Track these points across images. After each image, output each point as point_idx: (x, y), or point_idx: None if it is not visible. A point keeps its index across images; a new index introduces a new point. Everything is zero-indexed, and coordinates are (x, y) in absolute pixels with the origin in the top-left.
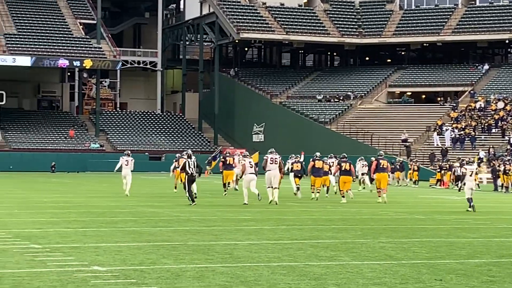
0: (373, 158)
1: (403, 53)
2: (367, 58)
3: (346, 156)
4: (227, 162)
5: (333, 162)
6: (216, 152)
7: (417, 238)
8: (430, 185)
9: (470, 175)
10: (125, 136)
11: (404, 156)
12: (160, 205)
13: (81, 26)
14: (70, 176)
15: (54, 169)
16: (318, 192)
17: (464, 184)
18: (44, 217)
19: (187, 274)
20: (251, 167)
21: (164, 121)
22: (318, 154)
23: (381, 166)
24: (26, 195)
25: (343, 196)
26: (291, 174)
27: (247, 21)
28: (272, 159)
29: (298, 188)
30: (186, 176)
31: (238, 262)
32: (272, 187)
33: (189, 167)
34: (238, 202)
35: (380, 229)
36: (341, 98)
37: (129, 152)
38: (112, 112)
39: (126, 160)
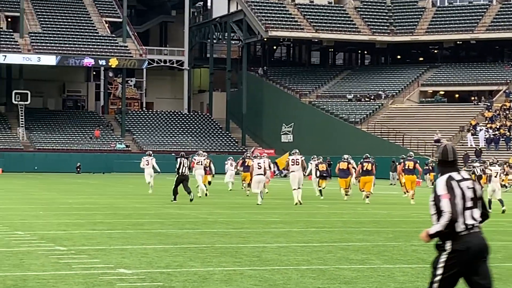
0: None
1: (435, 51)
2: (398, 57)
3: (368, 156)
4: (246, 164)
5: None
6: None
7: None
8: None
9: (495, 176)
10: (151, 137)
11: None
12: (187, 206)
13: (107, 25)
14: (96, 177)
15: (79, 170)
16: (347, 194)
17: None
18: (69, 219)
19: (215, 277)
20: (259, 168)
21: (191, 121)
22: (346, 156)
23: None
24: (51, 196)
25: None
26: (314, 175)
27: (276, 19)
28: (293, 160)
29: (320, 191)
30: (177, 175)
31: (267, 265)
32: (297, 188)
33: (183, 166)
34: (265, 204)
35: (412, 232)
36: (372, 97)
37: (150, 152)
38: (138, 112)
39: (147, 160)
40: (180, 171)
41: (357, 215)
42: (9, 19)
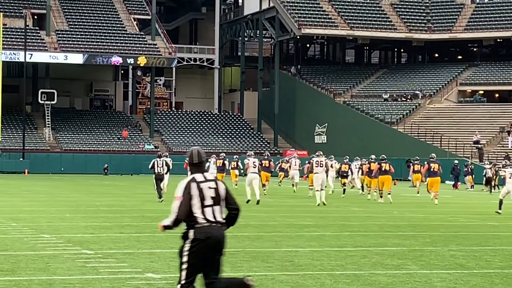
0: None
1: (475, 49)
2: (436, 55)
3: (385, 157)
4: (263, 165)
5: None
6: (291, 157)
7: (489, 246)
8: None
9: (510, 178)
10: (181, 137)
11: (476, 158)
12: None
13: (135, 22)
14: (124, 178)
15: (107, 171)
16: (375, 193)
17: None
18: (96, 222)
19: None
20: (254, 167)
21: (222, 122)
22: (373, 156)
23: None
24: (78, 198)
25: (381, 196)
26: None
27: (309, 16)
28: (317, 162)
29: (344, 191)
30: (154, 174)
31: (299, 270)
32: (320, 190)
33: (157, 166)
34: (299, 207)
35: (450, 236)
36: (408, 97)
37: (160, 153)
38: (167, 112)
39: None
40: (156, 171)
41: (393, 218)
42: (35, 17)
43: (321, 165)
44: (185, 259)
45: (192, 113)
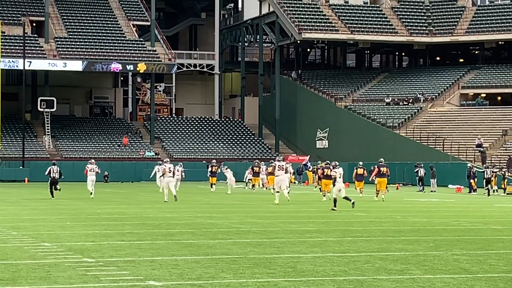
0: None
1: (476, 52)
2: (438, 58)
3: (383, 160)
4: (254, 171)
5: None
6: (306, 161)
7: (493, 250)
8: (508, 193)
9: None
10: (181, 144)
11: (479, 162)
12: (219, 216)
13: (135, 28)
14: (124, 186)
15: (107, 179)
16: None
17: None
18: (97, 229)
19: None
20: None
21: (223, 127)
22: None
23: (381, 172)
24: (78, 206)
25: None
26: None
27: (309, 20)
28: (279, 166)
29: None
30: (50, 179)
31: (302, 276)
32: (279, 191)
33: (53, 172)
34: (301, 213)
35: (453, 241)
36: (410, 101)
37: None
38: (167, 118)
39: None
40: (51, 175)
41: (396, 223)
42: (34, 24)
43: (282, 168)
44: None
45: (193, 119)
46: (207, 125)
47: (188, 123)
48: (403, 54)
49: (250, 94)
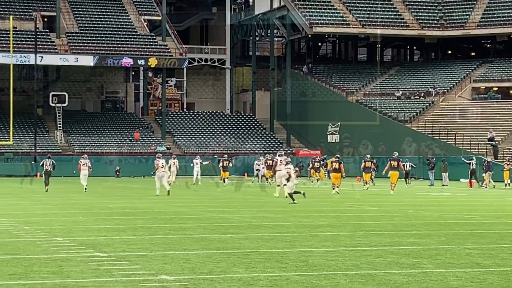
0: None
1: (488, 45)
2: (449, 52)
3: (397, 154)
4: (268, 164)
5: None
6: (322, 158)
7: (506, 244)
8: None
9: None
10: (193, 138)
11: (491, 156)
12: (230, 210)
13: (146, 23)
14: (136, 180)
15: (118, 173)
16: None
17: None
18: (109, 224)
19: (260, 283)
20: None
21: (234, 122)
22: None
23: (393, 166)
24: (90, 201)
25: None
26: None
27: (321, 14)
28: (281, 161)
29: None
30: (44, 170)
31: (314, 270)
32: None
33: (46, 164)
34: (312, 207)
35: (465, 234)
36: (421, 94)
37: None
38: (178, 113)
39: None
40: (45, 168)
41: (408, 217)
42: (45, 19)
43: (283, 163)
44: None
45: (204, 114)
46: (219, 120)
47: (199, 117)
48: (415, 48)
49: (262, 88)
